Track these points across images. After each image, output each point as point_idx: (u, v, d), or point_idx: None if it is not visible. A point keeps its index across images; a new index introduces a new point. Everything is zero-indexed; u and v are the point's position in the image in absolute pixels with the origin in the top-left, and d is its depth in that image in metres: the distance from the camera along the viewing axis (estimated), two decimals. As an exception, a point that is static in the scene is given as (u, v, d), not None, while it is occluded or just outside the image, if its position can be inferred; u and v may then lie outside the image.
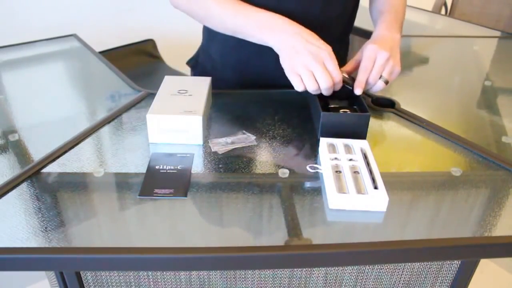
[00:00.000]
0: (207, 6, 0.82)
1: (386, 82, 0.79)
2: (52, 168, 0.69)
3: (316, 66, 0.72)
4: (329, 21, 0.92)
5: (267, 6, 0.80)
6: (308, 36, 0.75)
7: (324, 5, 0.88)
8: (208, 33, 1.00)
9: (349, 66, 0.82)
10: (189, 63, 1.10)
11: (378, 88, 0.79)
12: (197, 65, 1.06)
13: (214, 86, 0.88)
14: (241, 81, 0.98)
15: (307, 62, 0.73)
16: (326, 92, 0.75)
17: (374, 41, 0.81)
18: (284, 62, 0.75)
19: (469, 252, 0.58)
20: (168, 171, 0.67)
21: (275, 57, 0.76)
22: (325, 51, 0.73)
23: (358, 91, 0.78)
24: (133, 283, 0.67)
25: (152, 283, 0.67)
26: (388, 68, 0.79)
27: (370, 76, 0.78)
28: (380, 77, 0.79)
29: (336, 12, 0.92)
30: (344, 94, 0.80)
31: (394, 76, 0.81)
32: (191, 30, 1.23)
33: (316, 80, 0.73)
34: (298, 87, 0.75)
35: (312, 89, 0.74)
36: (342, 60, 1.06)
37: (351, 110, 0.79)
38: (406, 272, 0.70)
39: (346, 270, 0.68)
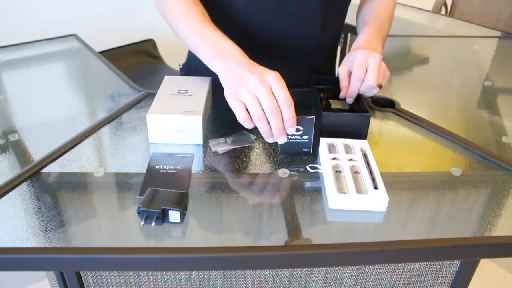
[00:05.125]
0: (177, 21, 0.81)
1: (380, 86, 0.78)
2: (52, 168, 0.69)
3: (261, 89, 0.64)
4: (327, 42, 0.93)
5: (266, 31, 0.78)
6: (255, 65, 0.69)
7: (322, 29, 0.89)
8: None
9: (341, 75, 0.80)
10: (182, 70, 1.09)
11: (373, 93, 0.79)
12: (191, 71, 1.04)
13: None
14: None
15: (252, 86, 0.65)
16: (274, 126, 0.65)
17: (360, 47, 0.80)
18: (228, 91, 0.67)
19: (469, 252, 0.58)
20: (168, 171, 0.67)
21: (277, 56, 0.75)
22: (271, 73, 0.66)
23: (349, 100, 0.79)
24: (133, 283, 0.67)
25: (152, 283, 0.67)
26: (382, 71, 0.78)
27: (366, 82, 0.76)
28: None
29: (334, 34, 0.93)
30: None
31: (386, 79, 0.81)
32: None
33: (260, 106, 0.65)
34: (240, 116, 0.66)
35: (256, 114, 0.65)
36: (331, 68, 1.08)
37: (351, 110, 0.79)
38: (406, 272, 0.70)
39: (346, 270, 0.68)
